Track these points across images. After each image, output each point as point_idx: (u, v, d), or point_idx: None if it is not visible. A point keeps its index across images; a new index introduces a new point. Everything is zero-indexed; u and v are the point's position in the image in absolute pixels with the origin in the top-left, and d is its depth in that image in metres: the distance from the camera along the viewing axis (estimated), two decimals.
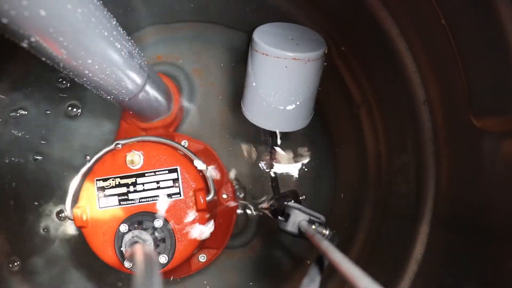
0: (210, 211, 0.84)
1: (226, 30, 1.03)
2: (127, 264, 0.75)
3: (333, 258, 0.47)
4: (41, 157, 1.02)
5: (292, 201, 0.79)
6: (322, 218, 0.67)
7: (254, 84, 0.82)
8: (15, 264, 0.98)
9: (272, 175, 0.99)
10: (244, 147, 1.06)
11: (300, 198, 0.97)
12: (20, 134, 1.01)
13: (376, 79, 0.88)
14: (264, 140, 1.04)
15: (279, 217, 0.69)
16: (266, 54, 0.75)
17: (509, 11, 0.50)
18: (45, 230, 1.02)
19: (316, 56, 0.76)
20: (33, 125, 1.02)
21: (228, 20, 1.02)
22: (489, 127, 0.59)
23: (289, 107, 0.82)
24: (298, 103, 0.81)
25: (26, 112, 1.01)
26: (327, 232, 0.62)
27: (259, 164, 1.05)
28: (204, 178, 0.83)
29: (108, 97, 0.71)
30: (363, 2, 0.76)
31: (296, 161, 1.05)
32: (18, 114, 1.01)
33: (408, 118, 0.78)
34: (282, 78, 0.78)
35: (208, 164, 0.83)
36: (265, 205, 1.00)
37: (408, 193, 0.81)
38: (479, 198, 0.63)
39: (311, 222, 0.65)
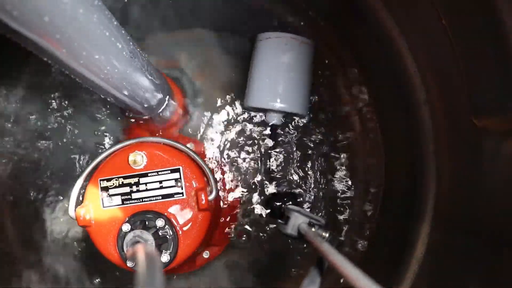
0: (212, 210, 0.84)
1: (228, 35, 1.07)
2: (129, 263, 0.75)
3: (333, 260, 0.47)
4: (45, 158, 1.03)
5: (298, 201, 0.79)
6: (322, 220, 0.67)
7: (258, 68, 0.97)
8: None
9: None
10: (248, 147, 1.06)
11: (298, 200, 0.98)
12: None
13: (376, 79, 0.88)
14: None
15: (279, 220, 0.69)
16: (269, 38, 0.95)
17: (509, 11, 0.50)
18: (51, 231, 1.03)
19: (308, 41, 0.96)
20: (36, 126, 1.03)
21: (230, 26, 1.06)
22: (490, 127, 0.59)
23: (288, 84, 0.95)
24: (295, 81, 0.96)
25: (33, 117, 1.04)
26: (327, 235, 0.62)
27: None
28: (206, 178, 0.83)
29: (109, 99, 0.71)
30: (363, 2, 0.76)
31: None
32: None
33: (408, 118, 0.78)
34: (283, 54, 0.95)
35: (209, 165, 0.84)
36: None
37: (409, 192, 0.81)
38: (480, 197, 0.62)
39: (311, 224, 0.65)
